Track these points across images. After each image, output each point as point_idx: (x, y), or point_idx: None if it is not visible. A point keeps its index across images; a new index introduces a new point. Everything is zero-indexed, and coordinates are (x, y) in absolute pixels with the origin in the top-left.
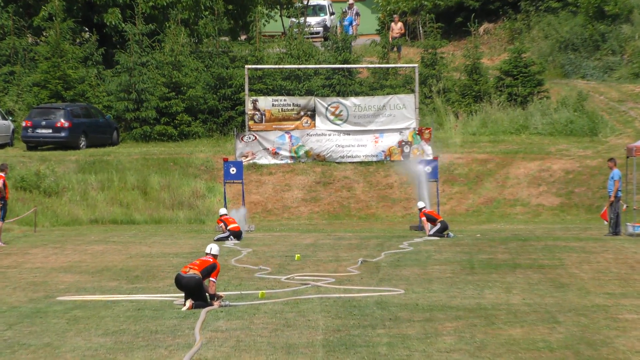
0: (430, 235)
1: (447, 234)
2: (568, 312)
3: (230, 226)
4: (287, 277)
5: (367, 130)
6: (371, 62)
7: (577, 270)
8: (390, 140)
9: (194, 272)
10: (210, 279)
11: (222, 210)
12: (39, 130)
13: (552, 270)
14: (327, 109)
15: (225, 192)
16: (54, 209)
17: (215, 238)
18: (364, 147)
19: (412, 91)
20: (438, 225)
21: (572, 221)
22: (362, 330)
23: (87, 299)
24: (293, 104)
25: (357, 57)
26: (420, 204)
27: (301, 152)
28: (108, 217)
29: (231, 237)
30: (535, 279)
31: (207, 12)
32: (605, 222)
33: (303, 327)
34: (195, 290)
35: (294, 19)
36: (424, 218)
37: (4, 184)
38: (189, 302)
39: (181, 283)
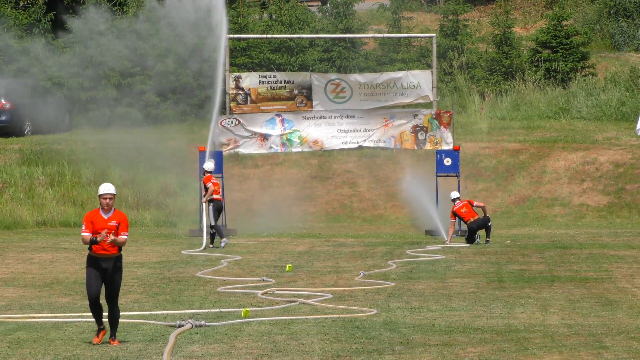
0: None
1: (476, 237)
2: (617, 336)
3: (215, 196)
4: (264, 292)
5: (376, 113)
6: (379, 31)
7: (628, 285)
8: (402, 124)
9: None
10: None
11: (209, 165)
12: None
13: (597, 284)
14: (326, 85)
15: (200, 189)
16: None
17: (202, 248)
18: (371, 132)
19: (429, 66)
20: (466, 230)
21: (623, 225)
22: (367, 356)
23: (33, 318)
24: (285, 80)
25: (361, 24)
26: (454, 194)
27: (295, 138)
28: (58, 218)
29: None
30: (577, 294)
31: None
32: None
33: (295, 352)
34: None
35: None
36: (453, 220)
37: None
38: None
39: None
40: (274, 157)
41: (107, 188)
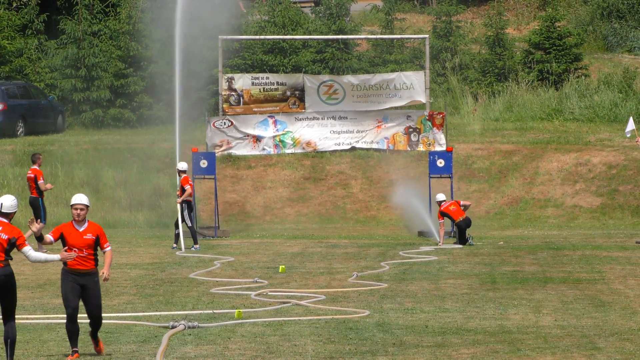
0: (456, 243)
1: (469, 238)
2: (610, 337)
3: (190, 197)
4: (258, 293)
5: (369, 114)
6: (372, 32)
7: (621, 286)
8: (395, 126)
9: None
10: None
11: (183, 165)
12: None
13: (590, 285)
14: (319, 87)
15: (193, 190)
16: None
17: (186, 249)
18: (364, 134)
19: (422, 68)
20: (456, 232)
21: (616, 226)
22: (360, 357)
23: (26, 319)
24: (277, 82)
25: (354, 25)
26: (440, 197)
27: (288, 140)
28: (51, 219)
29: (186, 211)
30: (570, 296)
31: None
32: None
33: (288, 353)
34: None
35: None
36: (441, 221)
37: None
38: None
39: None
40: (267, 158)
41: (78, 198)
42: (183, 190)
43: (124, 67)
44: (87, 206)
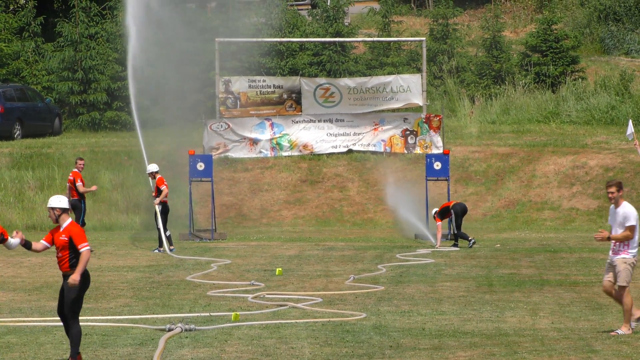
0: (457, 237)
1: (471, 240)
2: (607, 340)
3: (165, 199)
4: (255, 296)
5: (365, 116)
6: (369, 35)
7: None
8: (392, 128)
9: None
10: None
11: (154, 167)
12: None
13: (587, 288)
14: (315, 90)
15: (190, 193)
16: None
17: (168, 249)
18: (361, 136)
19: (419, 70)
20: (452, 217)
21: None
22: None
23: (23, 322)
24: (274, 85)
25: (351, 28)
26: (435, 210)
27: (285, 142)
28: (48, 222)
29: (160, 212)
30: (567, 298)
31: None
32: None
33: (285, 356)
34: None
35: None
36: (438, 223)
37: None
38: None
39: None
40: (263, 160)
41: (49, 201)
42: (159, 192)
43: (120, 69)
44: (54, 208)
